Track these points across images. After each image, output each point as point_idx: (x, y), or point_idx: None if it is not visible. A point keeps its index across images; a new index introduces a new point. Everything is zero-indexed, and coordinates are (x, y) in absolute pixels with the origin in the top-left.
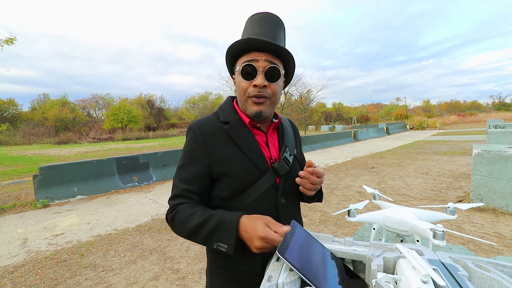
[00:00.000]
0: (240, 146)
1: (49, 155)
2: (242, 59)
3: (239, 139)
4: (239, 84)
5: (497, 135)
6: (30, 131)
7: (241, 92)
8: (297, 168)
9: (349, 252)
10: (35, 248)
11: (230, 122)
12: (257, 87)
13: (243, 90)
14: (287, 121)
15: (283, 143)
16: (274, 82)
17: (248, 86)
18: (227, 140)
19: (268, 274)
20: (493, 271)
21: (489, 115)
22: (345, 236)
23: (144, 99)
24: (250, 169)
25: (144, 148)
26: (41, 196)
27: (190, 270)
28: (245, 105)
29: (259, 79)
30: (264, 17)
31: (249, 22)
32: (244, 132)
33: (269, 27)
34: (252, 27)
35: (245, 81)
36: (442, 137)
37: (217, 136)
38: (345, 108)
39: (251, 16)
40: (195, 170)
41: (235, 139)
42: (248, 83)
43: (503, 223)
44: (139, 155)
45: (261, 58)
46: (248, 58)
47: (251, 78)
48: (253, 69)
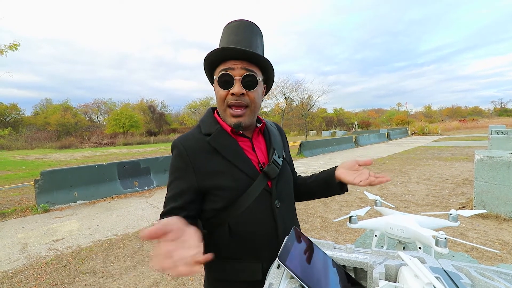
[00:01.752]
0: (225, 156)
1: (50, 159)
2: (219, 68)
3: (223, 149)
4: (217, 93)
5: (499, 141)
6: (32, 136)
7: (220, 101)
8: (287, 170)
9: (350, 259)
10: (35, 253)
11: (212, 133)
12: (235, 95)
13: (222, 99)
14: (273, 124)
15: (270, 146)
16: (251, 89)
17: (226, 94)
18: (211, 152)
19: (269, 281)
20: (496, 280)
21: (491, 121)
22: (346, 242)
23: (146, 104)
24: (239, 177)
25: (145, 153)
26: (42, 200)
27: (190, 276)
28: (224, 115)
29: (236, 87)
30: (239, 25)
31: (225, 30)
32: (227, 141)
33: (245, 35)
34: (228, 35)
35: (223, 90)
36: (443, 142)
37: (201, 149)
38: (346, 114)
39: (227, 24)
40: (181, 187)
41: (219, 149)
42: (226, 91)
43: (507, 230)
44: (140, 160)
45: (237, 66)
46: (225, 67)
47: (229, 86)
48: (229, 77)
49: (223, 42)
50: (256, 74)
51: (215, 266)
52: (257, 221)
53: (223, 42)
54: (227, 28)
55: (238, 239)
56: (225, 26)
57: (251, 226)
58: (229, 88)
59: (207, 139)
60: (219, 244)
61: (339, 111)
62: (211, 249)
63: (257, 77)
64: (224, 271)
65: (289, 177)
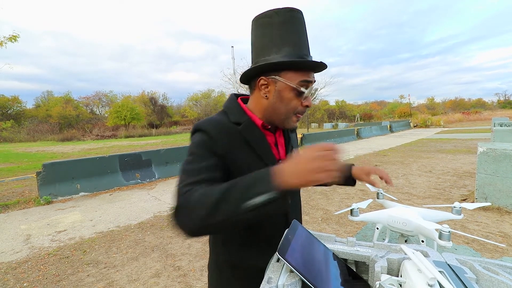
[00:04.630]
0: (255, 148)
1: (52, 152)
2: (295, 75)
3: (254, 141)
4: (290, 101)
5: (502, 133)
6: (34, 128)
7: (289, 108)
8: None
9: (351, 252)
10: (38, 244)
11: (242, 123)
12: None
13: (293, 107)
14: None
15: (289, 144)
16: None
17: (299, 104)
18: (241, 142)
19: (268, 275)
20: (501, 274)
21: (494, 113)
22: (347, 235)
23: (147, 97)
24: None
25: (147, 145)
26: (45, 192)
27: (192, 267)
28: (288, 120)
29: (310, 101)
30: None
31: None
32: (257, 134)
33: (305, 34)
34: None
35: (297, 99)
36: (446, 135)
37: (230, 137)
38: (348, 106)
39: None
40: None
41: (250, 141)
42: (299, 101)
43: (508, 223)
44: (142, 152)
45: (313, 79)
46: (307, 79)
47: (303, 98)
48: (308, 90)
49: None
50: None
51: (226, 250)
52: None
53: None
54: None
55: (251, 227)
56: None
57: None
58: (301, 97)
59: (239, 128)
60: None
61: (341, 103)
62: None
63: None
64: (234, 255)
65: None
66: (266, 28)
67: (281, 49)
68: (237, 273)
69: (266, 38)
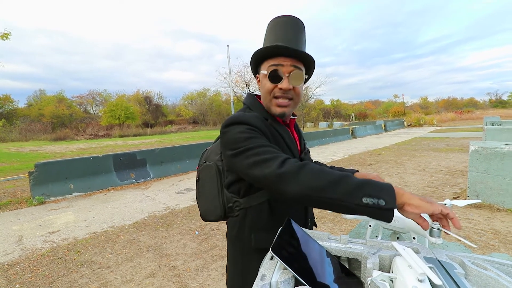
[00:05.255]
0: (284, 138)
1: (45, 151)
2: (268, 63)
3: (283, 133)
4: (264, 86)
5: (493, 132)
6: (26, 128)
7: (266, 92)
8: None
9: (344, 250)
10: (31, 245)
11: (268, 118)
12: (283, 90)
13: (269, 91)
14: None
15: (301, 137)
16: (298, 85)
17: (273, 87)
18: (274, 133)
19: (262, 273)
20: (489, 269)
21: (486, 112)
22: (342, 233)
23: (142, 96)
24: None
25: (142, 145)
26: (37, 193)
27: (187, 267)
28: (269, 105)
29: (284, 83)
30: (287, 22)
31: (273, 26)
32: (283, 127)
33: (293, 32)
34: (276, 31)
35: (271, 83)
36: (439, 134)
37: (267, 128)
38: (343, 105)
39: (275, 19)
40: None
41: (281, 132)
42: (273, 85)
43: (499, 220)
44: (136, 152)
45: (287, 64)
46: (275, 63)
47: (277, 81)
48: (279, 73)
49: (272, 38)
50: (302, 71)
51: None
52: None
53: (272, 38)
54: (275, 24)
55: (275, 215)
56: (273, 20)
57: (285, 204)
58: (277, 82)
59: (269, 121)
60: (258, 218)
61: (336, 102)
62: (250, 220)
63: (303, 74)
64: (262, 242)
65: None
66: (267, 32)
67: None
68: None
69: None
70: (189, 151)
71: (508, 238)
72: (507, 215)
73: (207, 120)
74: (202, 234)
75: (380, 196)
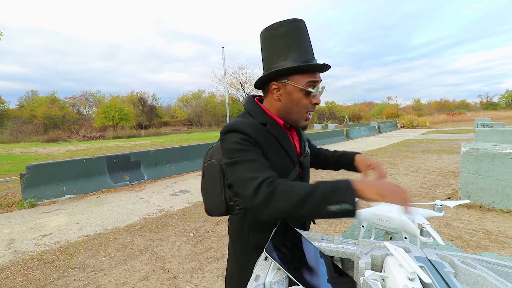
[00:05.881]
0: (281, 143)
1: (37, 153)
2: (304, 78)
3: (280, 138)
4: (299, 101)
5: (484, 134)
6: (17, 129)
7: (301, 107)
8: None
9: (337, 250)
10: (22, 248)
11: (268, 123)
12: (316, 105)
13: (304, 106)
14: None
15: (302, 140)
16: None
17: (308, 103)
18: (270, 138)
19: (256, 273)
20: (478, 268)
21: (477, 114)
22: (335, 233)
23: (136, 97)
24: (288, 163)
25: (136, 147)
26: (29, 195)
27: (182, 269)
28: (298, 118)
29: (318, 98)
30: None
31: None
32: (281, 132)
33: (309, 39)
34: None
35: (307, 98)
36: (431, 135)
37: (262, 135)
38: (338, 107)
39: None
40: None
41: (278, 137)
42: (309, 100)
43: (490, 220)
44: (130, 154)
45: (319, 79)
46: (313, 79)
47: (312, 97)
48: (315, 89)
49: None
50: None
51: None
52: None
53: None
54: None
55: None
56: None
57: None
58: (311, 98)
59: (267, 127)
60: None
61: (331, 104)
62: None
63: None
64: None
65: (309, 167)
66: (273, 39)
67: (288, 56)
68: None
69: (274, 47)
70: (184, 153)
71: (498, 238)
72: (498, 215)
73: (202, 121)
74: (197, 236)
75: (343, 201)
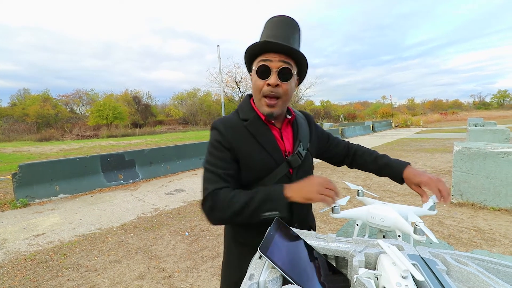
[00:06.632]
0: (258, 140)
1: (29, 152)
2: (258, 59)
3: (258, 134)
4: (255, 83)
5: (477, 133)
6: (9, 128)
7: (256, 90)
8: (309, 161)
9: (331, 248)
10: (14, 249)
11: (249, 119)
12: (270, 86)
13: (258, 89)
14: (302, 116)
15: (297, 138)
16: (286, 81)
17: (262, 85)
18: (247, 136)
19: (250, 272)
20: (470, 265)
21: (470, 114)
22: (330, 231)
23: (130, 95)
24: (267, 160)
25: (130, 145)
26: (21, 195)
27: (177, 268)
28: (259, 103)
29: (272, 78)
30: (282, 20)
31: (268, 24)
32: (262, 128)
33: (285, 30)
34: (270, 29)
35: (260, 79)
36: (425, 134)
37: (239, 132)
38: (333, 106)
39: (270, 18)
40: (227, 157)
41: (255, 134)
42: (262, 81)
43: (482, 218)
44: (125, 153)
45: (275, 59)
46: (263, 58)
47: (266, 77)
48: (267, 68)
49: (264, 35)
50: (292, 67)
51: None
52: None
53: (265, 35)
54: (270, 23)
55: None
56: (268, 20)
57: None
58: (266, 78)
59: (245, 123)
60: None
61: (326, 103)
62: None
63: (292, 70)
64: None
65: (309, 168)
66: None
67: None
68: (243, 250)
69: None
70: (179, 152)
71: (489, 235)
72: (489, 213)
73: (197, 120)
74: (192, 235)
75: (274, 209)
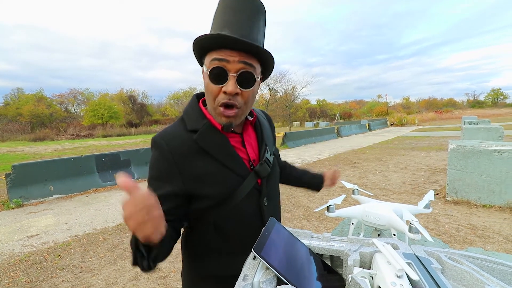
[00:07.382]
0: (214, 155)
1: (24, 152)
2: (211, 55)
3: (212, 148)
4: (207, 87)
5: (471, 131)
6: (3, 128)
7: (210, 96)
8: (276, 166)
9: (327, 247)
10: (8, 250)
11: (199, 129)
12: (227, 94)
13: (212, 95)
14: (262, 115)
15: (262, 142)
16: (247, 88)
17: (217, 91)
18: (199, 153)
19: (244, 273)
20: (465, 263)
21: (464, 112)
22: (326, 230)
23: (126, 95)
24: (229, 177)
25: (126, 145)
26: (15, 195)
27: (173, 268)
28: (214, 112)
29: (230, 85)
30: (241, 1)
31: (222, 3)
32: (217, 139)
33: (246, 15)
34: (225, 12)
35: (213, 85)
36: (420, 133)
37: (187, 149)
38: (329, 105)
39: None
40: (166, 191)
41: (208, 149)
42: (217, 87)
43: (476, 215)
44: (120, 152)
45: (234, 59)
46: (218, 57)
47: (221, 82)
48: (223, 71)
49: (218, 20)
50: (255, 70)
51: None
52: (244, 218)
53: (219, 20)
54: (225, 3)
55: (223, 235)
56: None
57: (238, 223)
58: (221, 84)
59: (194, 137)
60: (202, 240)
61: (322, 102)
62: (193, 244)
63: (255, 74)
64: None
65: (277, 174)
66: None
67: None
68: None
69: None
70: None
71: (484, 233)
72: (483, 210)
73: None
74: None
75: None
